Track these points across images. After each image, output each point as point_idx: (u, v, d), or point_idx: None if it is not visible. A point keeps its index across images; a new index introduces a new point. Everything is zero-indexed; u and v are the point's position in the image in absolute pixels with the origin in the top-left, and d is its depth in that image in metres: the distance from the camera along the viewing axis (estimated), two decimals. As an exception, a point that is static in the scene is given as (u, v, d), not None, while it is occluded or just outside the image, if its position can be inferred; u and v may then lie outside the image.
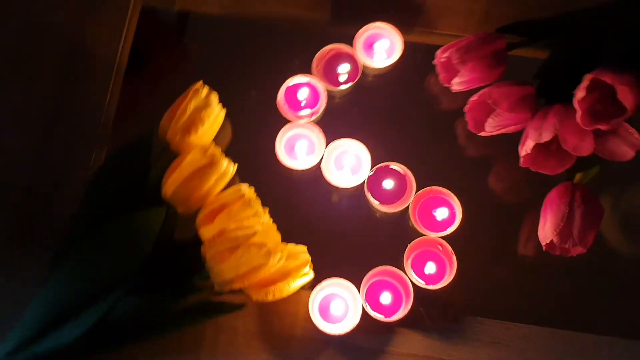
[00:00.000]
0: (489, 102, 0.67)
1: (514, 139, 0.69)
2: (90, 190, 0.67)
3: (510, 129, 0.69)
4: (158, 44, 0.79)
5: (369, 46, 0.75)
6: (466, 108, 0.71)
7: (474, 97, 0.70)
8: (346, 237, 0.72)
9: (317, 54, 0.74)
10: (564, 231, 0.65)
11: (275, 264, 0.61)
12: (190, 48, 0.79)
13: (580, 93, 0.62)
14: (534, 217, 0.70)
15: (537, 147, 0.65)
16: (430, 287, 0.67)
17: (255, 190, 0.64)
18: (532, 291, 0.70)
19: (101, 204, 0.66)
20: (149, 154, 0.67)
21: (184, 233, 0.67)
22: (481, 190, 0.74)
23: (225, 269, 0.60)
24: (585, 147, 0.64)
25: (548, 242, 0.66)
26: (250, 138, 0.74)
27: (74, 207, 0.69)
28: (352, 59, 0.74)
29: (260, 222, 0.62)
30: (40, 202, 0.72)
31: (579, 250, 0.66)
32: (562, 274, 0.71)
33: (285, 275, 0.63)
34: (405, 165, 0.71)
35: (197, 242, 0.65)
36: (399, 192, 0.71)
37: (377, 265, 0.68)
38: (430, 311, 0.68)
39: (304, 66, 0.75)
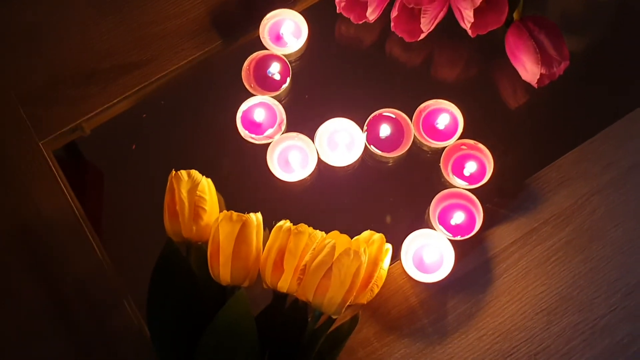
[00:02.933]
0: (411, 5, 0.69)
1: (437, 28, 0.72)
2: (154, 330, 0.63)
3: (440, 15, 0.71)
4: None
5: (277, 38, 0.74)
6: (393, 27, 0.72)
7: (394, 13, 0.71)
8: (383, 198, 0.72)
9: (242, 72, 0.72)
10: (544, 59, 0.69)
11: (366, 258, 0.60)
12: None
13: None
14: (505, 70, 0.74)
15: (475, 12, 0.68)
16: (482, 182, 0.69)
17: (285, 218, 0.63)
18: (550, 124, 0.74)
19: (176, 337, 0.62)
20: (184, 262, 0.63)
21: (256, 305, 0.64)
22: (450, 82, 0.76)
23: (334, 294, 0.59)
24: (513, -18, 0.67)
25: (538, 77, 0.70)
26: (244, 182, 0.73)
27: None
28: (273, 57, 0.73)
29: (323, 236, 0.62)
30: None
31: (564, 65, 0.70)
32: (564, 93, 0.74)
33: (374, 263, 0.63)
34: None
35: (280, 298, 0.63)
36: (399, 132, 0.71)
37: (427, 203, 0.69)
38: (495, 201, 0.70)
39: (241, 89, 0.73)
